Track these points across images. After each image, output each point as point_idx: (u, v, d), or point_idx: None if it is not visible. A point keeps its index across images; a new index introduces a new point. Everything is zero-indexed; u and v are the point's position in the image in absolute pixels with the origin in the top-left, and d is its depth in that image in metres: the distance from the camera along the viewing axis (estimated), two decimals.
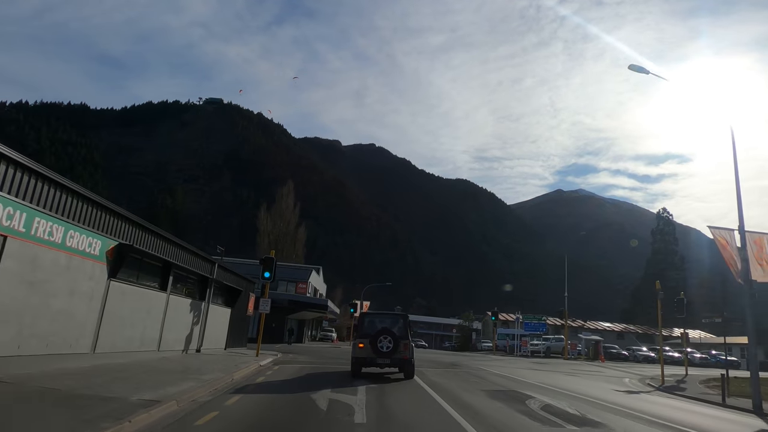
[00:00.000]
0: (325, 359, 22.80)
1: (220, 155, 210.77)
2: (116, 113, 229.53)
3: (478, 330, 71.36)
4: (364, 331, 15.49)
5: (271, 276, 22.30)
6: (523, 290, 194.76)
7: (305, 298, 44.18)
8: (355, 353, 15.26)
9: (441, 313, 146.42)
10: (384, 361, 14.77)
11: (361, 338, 15.18)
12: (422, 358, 25.95)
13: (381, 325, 15.60)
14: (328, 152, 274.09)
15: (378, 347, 14.59)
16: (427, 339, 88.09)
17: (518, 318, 49.86)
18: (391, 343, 14.66)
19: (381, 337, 14.70)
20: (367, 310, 58.47)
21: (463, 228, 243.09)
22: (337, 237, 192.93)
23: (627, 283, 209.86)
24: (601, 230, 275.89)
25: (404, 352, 14.92)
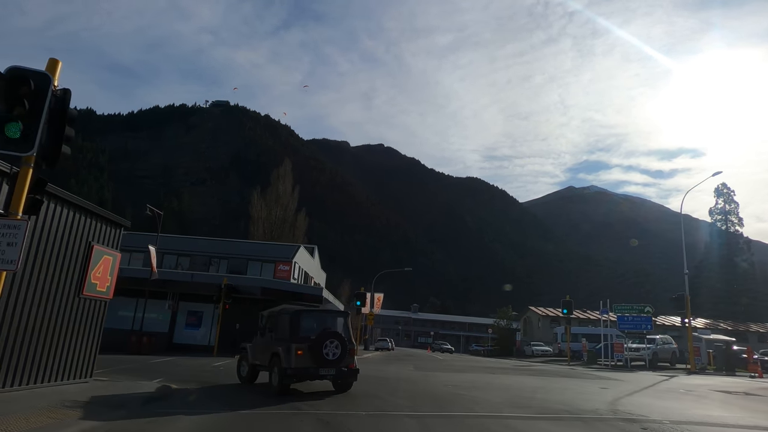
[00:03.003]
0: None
1: (227, 157, 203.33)
2: (123, 118, 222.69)
3: (517, 330, 58.93)
4: (303, 333, 11.48)
5: None
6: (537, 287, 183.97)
7: (288, 284, 31.65)
8: (289, 362, 10.99)
9: (455, 312, 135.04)
10: (328, 371, 11.29)
11: (298, 343, 11.15)
12: (467, 382, 17.28)
13: (324, 326, 11.89)
14: (337, 153, 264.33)
15: (323, 354, 11.10)
16: (451, 341, 76.16)
17: (604, 311, 34.07)
18: (338, 349, 11.33)
19: (327, 341, 11.25)
20: (380, 303, 46.70)
21: (475, 226, 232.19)
22: (347, 237, 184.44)
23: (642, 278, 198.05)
24: (615, 226, 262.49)
25: (351, 359, 11.79)
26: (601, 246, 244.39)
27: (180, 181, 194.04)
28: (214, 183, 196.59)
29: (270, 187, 59.91)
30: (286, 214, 58.51)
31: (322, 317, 12.33)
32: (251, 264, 32.97)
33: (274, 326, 12.52)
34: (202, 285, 30.07)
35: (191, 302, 31.89)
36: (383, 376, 17.09)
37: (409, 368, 22.01)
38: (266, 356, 11.96)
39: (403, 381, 15.41)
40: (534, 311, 59.59)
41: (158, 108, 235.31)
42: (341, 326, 12.32)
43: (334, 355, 11.21)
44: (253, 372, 13.06)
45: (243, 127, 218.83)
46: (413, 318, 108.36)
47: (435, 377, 17.27)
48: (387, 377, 16.63)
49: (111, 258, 12.35)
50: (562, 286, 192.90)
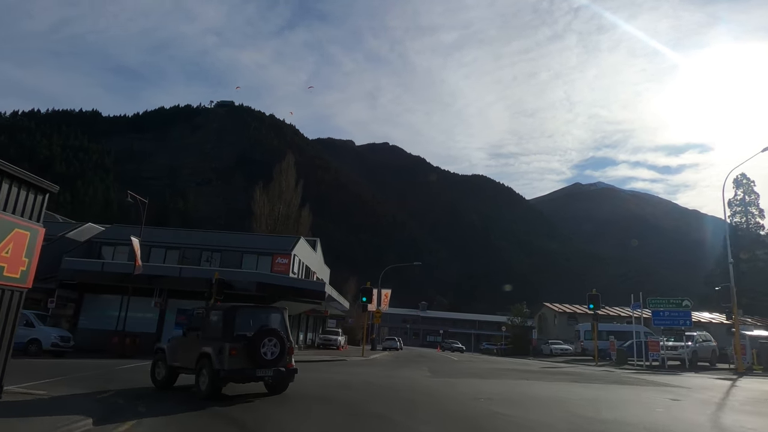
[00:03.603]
0: None
1: (232, 157, 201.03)
2: (128, 119, 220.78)
3: (532, 327, 55.28)
4: (237, 330, 10.38)
5: None
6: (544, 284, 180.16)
7: (286, 279, 28.40)
8: (222, 363, 9.84)
9: (462, 310, 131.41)
10: (265, 373, 10.28)
11: (233, 342, 10.03)
12: (501, 394, 13.96)
13: (261, 323, 10.82)
14: (342, 152, 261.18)
15: (261, 354, 10.12)
16: (461, 339, 72.57)
17: (636, 306, 29.98)
18: (277, 348, 10.38)
19: (266, 339, 10.26)
20: (387, 300, 43.38)
21: (481, 224, 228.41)
22: (352, 235, 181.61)
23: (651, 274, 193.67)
24: (622, 223, 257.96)
25: (290, 359, 10.83)
26: (608, 243, 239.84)
27: (185, 181, 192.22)
28: (220, 183, 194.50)
29: (272, 182, 57.05)
30: (289, 209, 55.62)
31: (257, 314, 11.41)
32: (246, 257, 29.70)
33: (201, 324, 11.15)
34: (192, 280, 26.87)
35: (181, 299, 28.67)
36: (394, 385, 13.76)
37: (424, 373, 18.65)
38: (191, 357, 10.57)
39: (420, 393, 12.06)
40: (549, 308, 56.08)
41: (163, 109, 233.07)
42: (279, 323, 11.25)
43: (272, 355, 10.29)
44: (172, 375, 11.61)
45: (248, 127, 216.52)
46: (422, 316, 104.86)
47: (458, 386, 13.93)
48: (398, 387, 13.31)
49: (27, 233, 9.08)
50: (569, 283, 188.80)
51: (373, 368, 21.56)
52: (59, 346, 23.21)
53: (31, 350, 22.72)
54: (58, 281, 27.37)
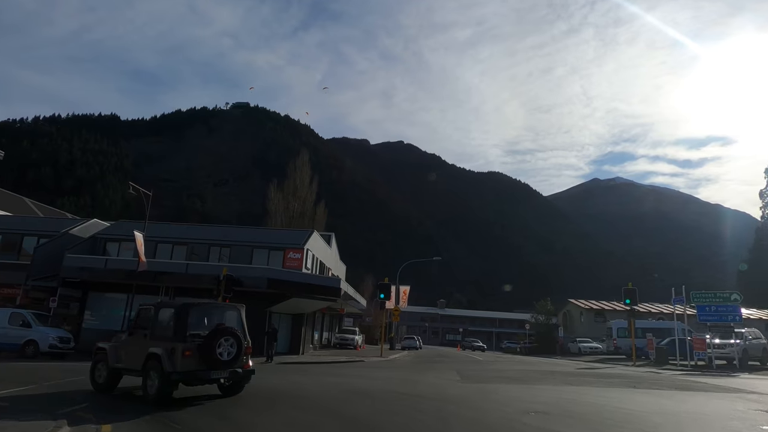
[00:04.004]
0: None
1: (248, 158, 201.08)
2: (146, 122, 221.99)
3: (556, 325, 52.65)
4: (191, 330, 9.52)
5: None
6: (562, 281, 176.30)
7: (299, 274, 26.08)
8: (174, 365, 8.95)
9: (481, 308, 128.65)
10: (221, 374, 9.58)
11: (186, 342, 9.23)
12: (552, 404, 11.26)
13: (216, 321, 9.95)
14: (357, 151, 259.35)
15: (216, 355, 9.30)
16: (481, 338, 70.04)
17: (678, 300, 26.74)
18: (234, 348, 9.61)
19: (222, 339, 9.46)
20: (406, 297, 41.27)
21: (498, 221, 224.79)
22: (368, 235, 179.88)
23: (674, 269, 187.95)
24: (642, 218, 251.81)
25: (246, 359, 10.15)
26: (628, 238, 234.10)
27: (203, 182, 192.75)
28: (236, 184, 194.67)
29: (287, 179, 55.49)
30: (304, 206, 54.01)
31: (212, 311, 10.49)
32: (257, 252, 27.77)
33: (149, 322, 10.15)
34: (199, 277, 25.05)
35: (188, 297, 26.92)
36: (421, 393, 11.61)
37: (453, 377, 16.45)
38: (138, 358, 9.69)
39: (454, 404, 9.90)
40: (575, 304, 53.29)
41: (180, 111, 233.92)
42: (235, 321, 10.45)
43: (229, 355, 9.56)
44: (114, 377, 10.69)
45: (263, 127, 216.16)
46: (440, 314, 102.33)
47: (496, 394, 11.71)
48: (426, 395, 11.17)
49: None
50: (590, 280, 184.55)
51: (394, 371, 19.44)
52: (58, 347, 21.57)
53: (28, 352, 21.14)
54: (60, 279, 25.82)
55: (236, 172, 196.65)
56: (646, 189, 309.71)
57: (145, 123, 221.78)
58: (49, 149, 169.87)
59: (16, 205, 37.73)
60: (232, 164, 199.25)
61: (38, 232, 28.61)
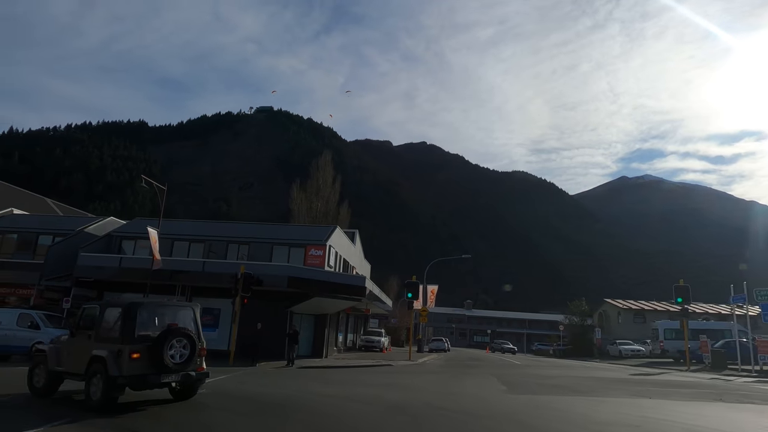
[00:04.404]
0: None
1: (272, 161, 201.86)
2: (173, 128, 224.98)
3: (592, 326, 49.73)
4: (140, 330, 8.85)
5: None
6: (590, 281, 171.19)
7: (321, 272, 24.00)
8: (120, 368, 8.33)
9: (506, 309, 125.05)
10: (172, 378, 8.85)
11: (134, 343, 8.58)
12: (635, 425, 10.46)
13: (168, 321, 9.30)
14: (380, 153, 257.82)
15: (167, 357, 8.65)
16: (510, 339, 67.18)
17: (737, 299, 23.94)
18: (186, 349, 8.96)
19: (174, 340, 8.78)
20: (434, 297, 39.11)
21: (523, 221, 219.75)
22: (392, 236, 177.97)
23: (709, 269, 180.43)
24: (673, 216, 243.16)
25: (200, 362, 9.45)
26: (658, 237, 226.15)
27: (228, 186, 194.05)
28: (261, 187, 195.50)
29: (310, 179, 54.33)
30: (327, 206, 52.64)
31: (164, 310, 9.75)
32: (277, 249, 26.07)
33: (94, 322, 9.46)
34: (216, 276, 23.46)
35: (206, 297, 25.34)
36: (466, 408, 9.52)
37: (496, 385, 14.29)
38: (81, 361, 9.06)
39: (514, 424, 7.80)
40: (612, 304, 50.24)
41: (206, 117, 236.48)
42: (189, 321, 9.83)
43: (181, 357, 8.95)
44: (54, 382, 9.99)
45: (287, 131, 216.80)
46: (467, 315, 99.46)
47: (557, 409, 9.54)
48: (474, 411, 9.07)
49: None
50: (616, 280, 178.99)
51: (427, 376, 17.38)
52: None
53: None
54: (73, 279, 24.60)
55: (261, 175, 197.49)
56: (677, 186, 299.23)
57: (172, 129, 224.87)
58: (81, 156, 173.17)
59: (38, 206, 37.07)
60: (256, 168, 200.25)
61: (54, 230, 27.54)
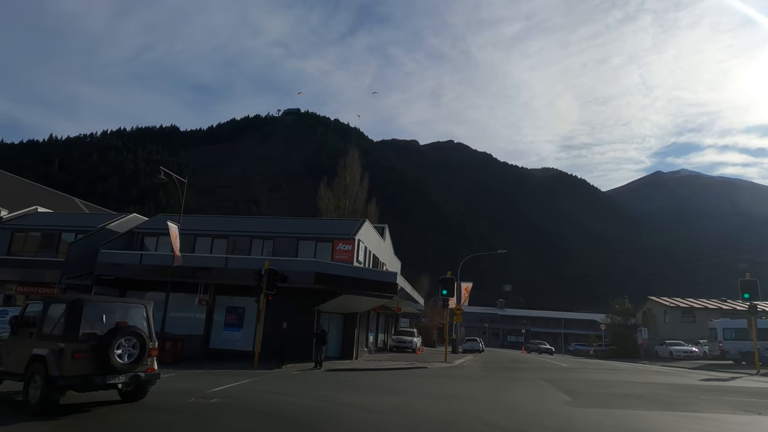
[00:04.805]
0: None
1: (300, 163, 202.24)
2: (203, 132, 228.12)
3: (635, 326, 46.62)
4: (85, 328, 8.33)
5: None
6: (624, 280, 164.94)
7: (350, 268, 22.45)
8: (61, 369, 7.79)
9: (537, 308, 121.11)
10: (119, 379, 8.32)
11: (77, 342, 8.07)
12: None
13: (117, 319, 8.69)
14: (407, 152, 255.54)
15: (114, 357, 8.13)
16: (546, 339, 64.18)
17: None
18: (136, 349, 8.43)
19: (122, 339, 8.29)
20: (467, 294, 36.97)
21: (555, 219, 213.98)
22: (420, 235, 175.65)
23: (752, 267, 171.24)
24: (711, 212, 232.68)
25: (151, 362, 8.91)
26: (695, 233, 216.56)
27: (257, 188, 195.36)
28: (289, 189, 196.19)
29: (337, 177, 53.16)
30: (355, 204, 51.38)
31: (113, 308, 9.01)
32: (303, 244, 24.46)
33: (36, 320, 8.78)
34: (240, 272, 22.01)
35: (230, 295, 23.99)
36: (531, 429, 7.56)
37: (552, 394, 12.18)
38: (21, 361, 8.37)
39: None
40: (657, 302, 46.91)
41: (235, 120, 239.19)
42: (141, 320, 9.01)
43: (129, 357, 8.31)
44: None
45: (314, 132, 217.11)
46: (500, 314, 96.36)
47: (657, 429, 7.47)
48: None
49: None
50: (653, 277, 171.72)
51: (470, 382, 15.36)
52: None
53: None
54: (94, 277, 23.56)
55: (289, 177, 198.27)
56: (715, 181, 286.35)
57: (202, 133, 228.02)
58: (116, 161, 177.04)
59: (66, 206, 36.60)
60: (284, 169, 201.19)
61: (76, 227, 26.66)
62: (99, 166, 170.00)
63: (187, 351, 21.82)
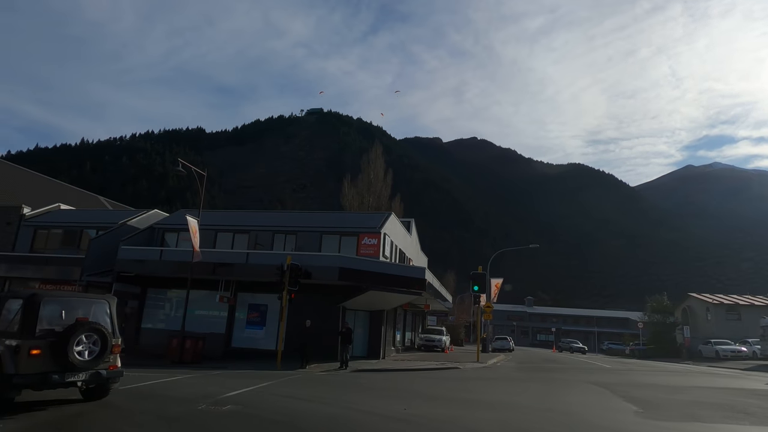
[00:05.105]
0: None
1: (323, 162, 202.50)
2: (228, 134, 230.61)
3: (674, 324, 44.12)
4: (43, 324, 7.93)
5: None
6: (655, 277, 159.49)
7: (376, 263, 21.24)
8: (15, 366, 7.45)
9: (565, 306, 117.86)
10: (79, 377, 7.90)
11: (34, 339, 7.71)
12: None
13: (78, 315, 8.33)
14: (430, 150, 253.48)
15: (73, 354, 7.76)
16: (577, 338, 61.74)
17: None
18: (97, 345, 8.12)
19: (82, 335, 7.92)
20: (497, 290, 35.32)
21: (582, 215, 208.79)
22: (445, 233, 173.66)
23: None
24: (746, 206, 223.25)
25: (114, 359, 8.58)
26: (729, 229, 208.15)
27: (281, 188, 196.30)
28: (313, 188, 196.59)
29: (361, 174, 52.14)
30: (379, 201, 50.11)
31: (74, 304, 8.60)
32: (326, 239, 23.29)
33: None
34: (261, 268, 20.96)
35: (252, 292, 22.98)
36: None
37: (614, 402, 10.57)
38: None
39: None
40: (699, 299, 44.24)
41: (259, 121, 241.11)
42: (103, 315, 8.63)
43: (90, 354, 8.00)
44: None
45: (337, 132, 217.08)
46: (528, 312, 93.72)
47: None
48: None
49: None
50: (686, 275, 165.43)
51: (510, 385, 13.87)
52: None
53: None
54: (115, 274, 22.86)
55: (313, 176, 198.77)
56: (751, 174, 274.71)
57: (227, 134, 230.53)
58: (145, 163, 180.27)
59: (91, 204, 36.36)
60: (308, 169, 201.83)
61: (98, 224, 26.06)
62: (128, 169, 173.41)
63: (208, 350, 20.88)
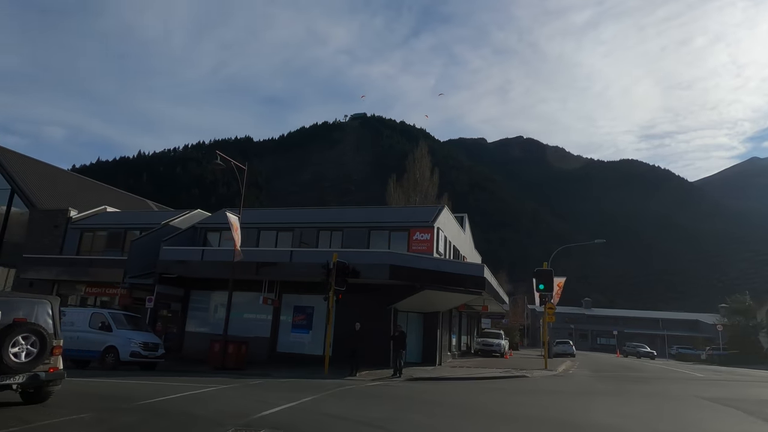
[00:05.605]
0: None
1: (368, 166, 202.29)
2: (275, 141, 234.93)
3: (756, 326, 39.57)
4: None
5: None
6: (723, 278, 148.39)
7: (430, 260, 19.09)
8: None
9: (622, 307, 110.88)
10: (15, 379, 7.54)
11: None
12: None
13: (16, 315, 7.96)
14: (475, 150, 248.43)
15: (8, 356, 7.47)
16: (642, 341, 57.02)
17: None
18: (35, 347, 7.80)
19: (19, 336, 7.64)
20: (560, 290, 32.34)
21: (637, 213, 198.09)
22: (491, 234, 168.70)
23: None
24: None
25: (55, 361, 8.26)
26: None
27: (327, 193, 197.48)
28: (359, 192, 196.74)
29: (406, 174, 50.68)
30: (426, 200, 48.63)
31: (13, 304, 8.12)
32: (375, 235, 21.35)
33: None
34: (306, 266, 19.29)
35: (297, 293, 21.36)
36: None
37: None
38: None
39: None
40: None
41: (304, 128, 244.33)
42: (45, 316, 8.25)
43: (27, 356, 7.67)
44: None
45: (380, 136, 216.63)
46: (586, 314, 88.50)
47: None
48: None
49: None
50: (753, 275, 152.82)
51: (601, 401, 11.33)
52: (141, 355, 16.99)
53: (108, 361, 16.77)
54: (156, 275, 21.86)
55: (357, 180, 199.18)
56: None
57: (274, 142, 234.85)
58: (197, 173, 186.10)
59: (139, 208, 36.24)
60: (353, 174, 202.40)
61: (141, 225, 25.35)
62: (181, 178, 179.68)
63: (252, 354, 19.40)
